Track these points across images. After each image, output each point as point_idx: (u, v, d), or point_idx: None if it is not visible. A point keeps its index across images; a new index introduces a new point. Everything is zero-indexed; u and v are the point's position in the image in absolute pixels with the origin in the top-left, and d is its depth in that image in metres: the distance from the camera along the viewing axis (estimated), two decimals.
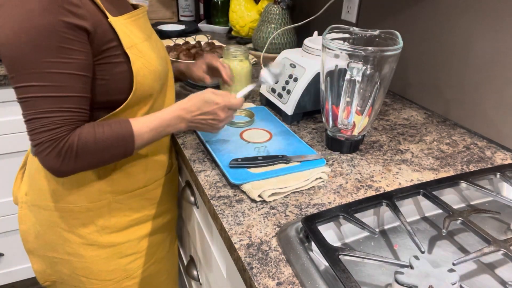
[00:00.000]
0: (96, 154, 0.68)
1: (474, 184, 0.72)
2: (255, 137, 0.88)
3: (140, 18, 0.77)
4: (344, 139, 0.85)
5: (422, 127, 1.00)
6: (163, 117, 0.74)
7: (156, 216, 0.91)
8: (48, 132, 0.63)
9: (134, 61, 0.71)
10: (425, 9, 1.07)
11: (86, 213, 0.80)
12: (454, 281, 0.51)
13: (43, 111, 0.63)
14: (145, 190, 0.86)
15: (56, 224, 0.80)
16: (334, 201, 0.71)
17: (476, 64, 0.95)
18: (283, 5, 1.43)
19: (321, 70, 0.82)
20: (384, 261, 0.55)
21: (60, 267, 0.85)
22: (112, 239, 0.84)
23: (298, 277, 0.55)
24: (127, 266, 0.88)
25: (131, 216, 0.85)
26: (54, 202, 0.79)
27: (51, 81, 0.62)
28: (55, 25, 0.60)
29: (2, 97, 1.31)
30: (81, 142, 0.65)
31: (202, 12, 1.96)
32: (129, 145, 0.70)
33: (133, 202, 0.85)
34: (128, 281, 0.89)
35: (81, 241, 0.82)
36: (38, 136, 0.63)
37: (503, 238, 0.60)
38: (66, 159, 0.65)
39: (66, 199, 0.78)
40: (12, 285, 1.66)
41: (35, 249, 0.85)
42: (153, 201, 0.89)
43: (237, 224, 0.65)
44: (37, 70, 0.61)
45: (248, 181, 0.73)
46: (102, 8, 0.67)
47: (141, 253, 0.90)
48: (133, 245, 0.88)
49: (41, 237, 0.83)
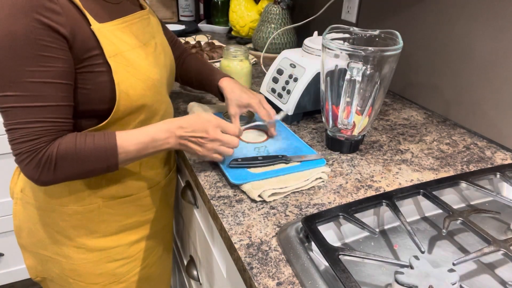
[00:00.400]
0: (76, 166, 0.66)
1: (474, 184, 0.72)
2: (255, 137, 0.88)
3: (135, 23, 0.74)
4: (344, 139, 0.85)
5: (422, 127, 1.00)
6: (151, 130, 0.70)
7: (148, 222, 0.89)
8: (27, 143, 0.62)
9: (116, 71, 0.67)
10: (425, 9, 1.07)
11: (76, 216, 0.79)
12: (454, 281, 0.51)
13: (22, 121, 0.61)
14: (137, 197, 0.84)
15: (47, 224, 0.80)
16: (334, 201, 0.71)
17: (476, 64, 0.95)
18: (283, 5, 1.43)
19: (321, 70, 0.82)
20: (384, 261, 0.55)
21: (50, 265, 0.84)
22: (101, 243, 0.82)
23: (298, 277, 0.55)
24: (116, 270, 0.86)
25: (122, 221, 0.84)
26: (46, 202, 0.78)
27: (29, 90, 0.60)
28: (31, 32, 0.58)
29: None
30: (60, 153, 0.64)
31: (202, 12, 1.96)
32: (111, 158, 0.67)
33: (124, 208, 0.83)
34: (116, 285, 0.88)
35: (70, 243, 0.81)
36: (18, 146, 0.62)
37: (503, 238, 0.60)
38: (45, 169, 0.64)
39: (57, 201, 0.78)
40: (12, 285, 1.66)
41: (28, 245, 0.85)
42: (146, 208, 0.87)
43: (237, 224, 0.65)
44: (15, 79, 0.59)
45: (248, 181, 0.73)
46: (86, 14, 0.64)
47: (131, 258, 0.88)
48: (123, 250, 0.86)
49: (33, 235, 0.83)
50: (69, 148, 0.64)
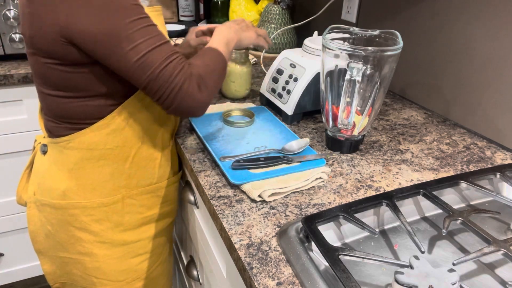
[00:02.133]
0: (213, 74, 0.74)
1: (474, 184, 0.72)
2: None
3: (161, 15, 0.81)
4: (344, 139, 0.85)
5: (422, 127, 1.00)
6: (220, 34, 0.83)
7: (162, 217, 0.92)
8: (181, 71, 0.68)
9: None
10: (425, 9, 1.07)
11: (100, 208, 0.80)
12: (454, 281, 0.51)
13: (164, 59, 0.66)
14: (157, 187, 0.87)
15: (67, 222, 0.80)
16: (334, 201, 0.71)
17: (476, 64, 0.95)
18: (283, 5, 1.43)
19: (321, 70, 0.82)
20: (384, 261, 0.55)
21: (71, 267, 0.84)
22: (125, 237, 0.84)
23: (298, 277, 0.55)
24: (137, 266, 0.88)
25: (144, 213, 0.86)
26: (66, 200, 0.79)
27: (150, 33, 0.66)
28: None
29: (2, 97, 1.31)
30: (201, 71, 0.71)
31: (202, 12, 1.96)
32: (222, 56, 0.78)
33: (145, 198, 0.85)
34: (139, 281, 0.89)
35: (95, 238, 0.81)
36: (176, 79, 0.67)
37: (503, 238, 0.60)
38: (203, 88, 0.71)
39: (79, 196, 0.78)
40: (12, 285, 1.66)
41: (45, 250, 0.85)
42: (163, 199, 0.90)
43: (237, 224, 0.65)
44: (134, 29, 0.64)
45: (248, 181, 0.73)
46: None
47: (150, 253, 0.90)
48: (144, 245, 0.88)
49: (51, 237, 0.83)
50: (200, 65, 0.73)
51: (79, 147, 0.76)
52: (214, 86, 0.74)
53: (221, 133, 0.89)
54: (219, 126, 0.92)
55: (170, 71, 0.67)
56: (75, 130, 0.76)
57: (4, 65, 1.34)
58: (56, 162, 0.78)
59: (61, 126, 0.76)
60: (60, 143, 0.77)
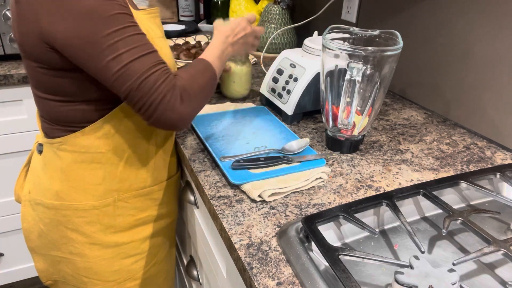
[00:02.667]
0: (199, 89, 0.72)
1: (474, 184, 0.72)
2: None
3: (157, 17, 0.81)
4: (344, 139, 0.85)
5: (422, 127, 1.00)
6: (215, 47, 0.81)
7: (159, 218, 0.91)
8: (163, 83, 0.66)
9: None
10: (425, 9, 1.07)
11: (91, 211, 0.80)
12: (454, 281, 0.51)
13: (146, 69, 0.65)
14: (150, 190, 0.86)
15: (60, 222, 0.80)
16: (334, 201, 0.71)
17: (476, 64, 0.95)
18: (283, 5, 1.43)
19: (321, 70, 0.82)
20: (384, 261, 0.55)
21: (63, 266, 0.85)
22: (116, 238, 0.84)
23: (298, 277, 0.55)
24: (130, 267, 0.88)
25: (136, 215, 0.86)
26: (58, 200, 0.79)
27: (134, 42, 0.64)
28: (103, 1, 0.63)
29: (2, 97, 1.31)
30: (186, 83, 0.70)
31: (202, 12, 1.96)
32: (212, 70, 0.77)
33: (138, 201, 0.85)
34: (130, 282, 0.89)
35: (86, 240, 0.82)
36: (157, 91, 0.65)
37: (503, 238, 0.60)
38: (186, 100, 0.69)
39: (71, 197, 0.78)
40: (12, 285, 1.66)
41: (38, 248, 0.85)
42: (157, 202, 0.90)
43: (237, 224, 0.65)
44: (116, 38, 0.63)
45: (248, 181, 0.73)
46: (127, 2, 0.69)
47: (143, 254, 0.90)
48: (136, 246, 0.88)
49: (44, 236, 0.83)
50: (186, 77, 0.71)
51: (71, 149, 0.76)
52: (199, 99, 0.72)
53: (221, 133, 0.89)
54: (219, 126, 0.92)
55: (152, 82, 0.65)
56: (68, 132, 0.76)
57: (4, 65, 1.35)
58: (50, 162, 0.79)
59: (54, 127, 0.76)
60: (54, 144, 0.77)
